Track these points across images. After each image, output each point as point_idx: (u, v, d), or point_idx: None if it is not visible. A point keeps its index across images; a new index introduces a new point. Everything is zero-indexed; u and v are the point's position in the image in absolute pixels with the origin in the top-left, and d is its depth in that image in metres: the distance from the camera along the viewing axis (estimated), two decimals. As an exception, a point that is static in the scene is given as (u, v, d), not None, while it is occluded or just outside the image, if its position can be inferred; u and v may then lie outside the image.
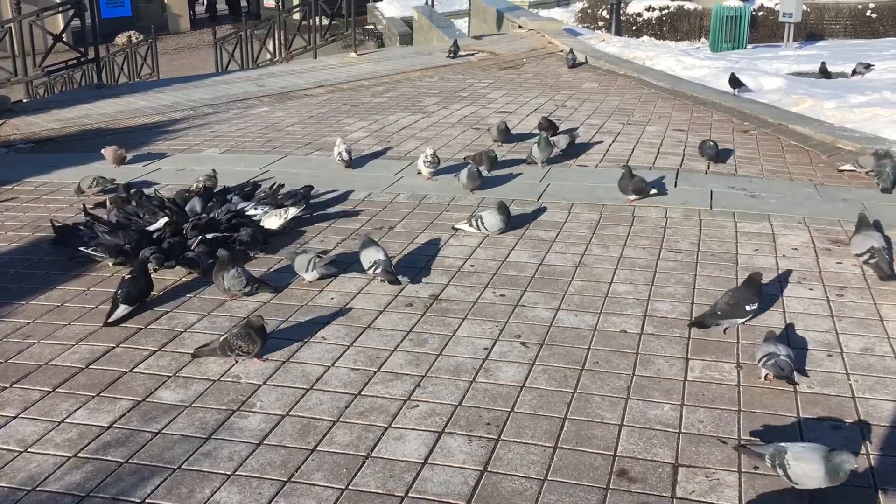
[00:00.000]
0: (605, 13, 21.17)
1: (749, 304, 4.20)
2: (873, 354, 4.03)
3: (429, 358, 4.07)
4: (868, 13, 21.44)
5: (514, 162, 7.24)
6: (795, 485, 3.01)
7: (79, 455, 3.37)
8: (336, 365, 4.02)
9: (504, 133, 7.77)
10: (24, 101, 12.76)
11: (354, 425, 3.54)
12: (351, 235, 5.65)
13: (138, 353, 4.17)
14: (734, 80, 10.52)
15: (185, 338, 4.33)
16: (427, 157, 6.72)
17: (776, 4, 19.86)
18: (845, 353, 4.04)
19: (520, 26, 16.00)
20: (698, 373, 3.89)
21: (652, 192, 6.22)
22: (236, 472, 3.24)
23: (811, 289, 4.74)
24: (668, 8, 21.67)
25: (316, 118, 9.47)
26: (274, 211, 5.68)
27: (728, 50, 18.43)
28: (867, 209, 5.63)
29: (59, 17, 15.65)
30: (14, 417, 3.65)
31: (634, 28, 21.22)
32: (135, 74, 21.06)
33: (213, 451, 3.38)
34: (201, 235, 5.32)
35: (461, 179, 6.47)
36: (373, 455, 3.34)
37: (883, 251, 4.84)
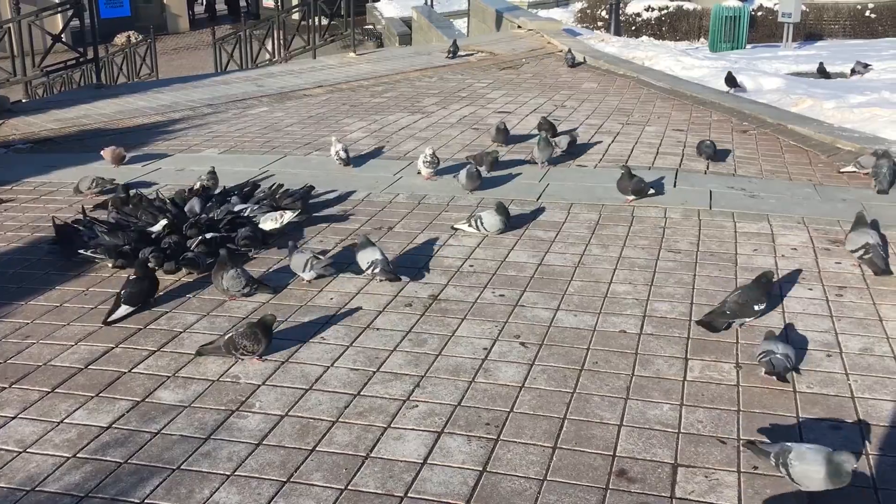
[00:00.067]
0: (604, 13, 21.18)
1: (757, 303, 4.22)
2: (872, 354, 4.03)
3: (428, 358, 4.07)
4: (867, 13, 21.45)
5: (514, 162, 7.24)
6: (797, 485, 3.01)
7: (78, 455, 3.37)
8: (335, 365, 4.02)
9: (503, 134, 7.76)
10: (23, 101, 12.74)
11: (354, 425, 3.54)
12: (350, 236, 5.65)
13: (137, 354, 4.17)
14: (730, 78, 10.56)
15: (184, 338, 4.33)
16: (427, 158, 6.72)
17: (775, 4, 19.86)
18: (844, 353, 4.04)
19: (519, 26, 15.99)
20: (697, 373, 3.89)
21: (650, 193, 6.22)
22: (235, 473, 3.24)
23: (810, 289, 4.74)
24: (668, 8, 21.67)
25: (315, 118, 9.47)
26: (270, 214, 5.67)
27: (727, 50, 18.44)
28: (866, 209, 5.63)
29: (58, 18, 15.67)
30: (13, 418, 3.64)
31: (633, 28, 21.23)
32: (134, 75, 21.06)
33: (213, 451, 3.38)
34: (201, 235, 5.32)
35: (460, 180, 6.47)
36: (372, 455, 3.33)
37: (877, 247, 4.92)
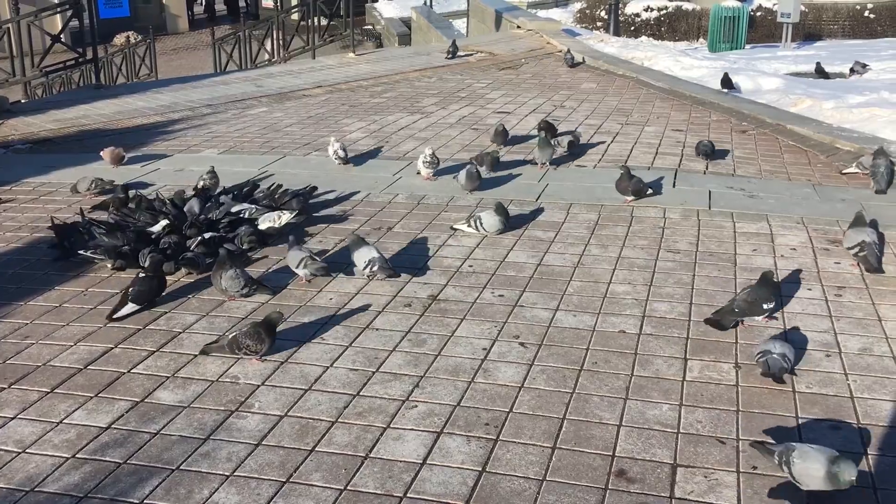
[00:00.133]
0: (603, 13, 21.19)
1: (766, 302, 4.24)
2: (871, 354, 4.03)
3: (427, 358, 4.07)
4: (866, 13, 21.47)
5: (514, 163, 7.24)
6: (798, 483, 3.01)
7: (77, 456, 3.36)
8: (335, 365, 4.02)
9: (502, 135, 7.74)
10: (23, 101, 12.74)
11: (353, 426, 3.54)
12: (349, 236, 5.65)
13: (137, 354, 4.17)
14: (726, 80, 10.58)
15: (183, 338, 4.33)
16: (426, 158, 6.72)
17: (774, 5, 19.88)
18: (844, 353, 4.04)
19: (518, 26, 16.00)
20: (697, 373, 3.89)
21: (648, 193, 6.23)
22: (235, 473, 3.24)
23: (809, 289, 4.74)
24: (667, 8, 21.68)
25: (314, 118, 9.47)
26: (268, 214, 5.67)
27: (726, 50, 18.45)
28: (865, 209, 5.63)
29: (57, 18, 15.67)
30: (12, 418, 3.64)
31: (633, 28, 21.23)
32: (133, 75, 21.06)
33: (212, 451, 3.38)
34: (200, 235, 5.33)
35: (460, 180, 6.47)
36: (371, 455, 3.33)
37: (873, 245, 4.97)
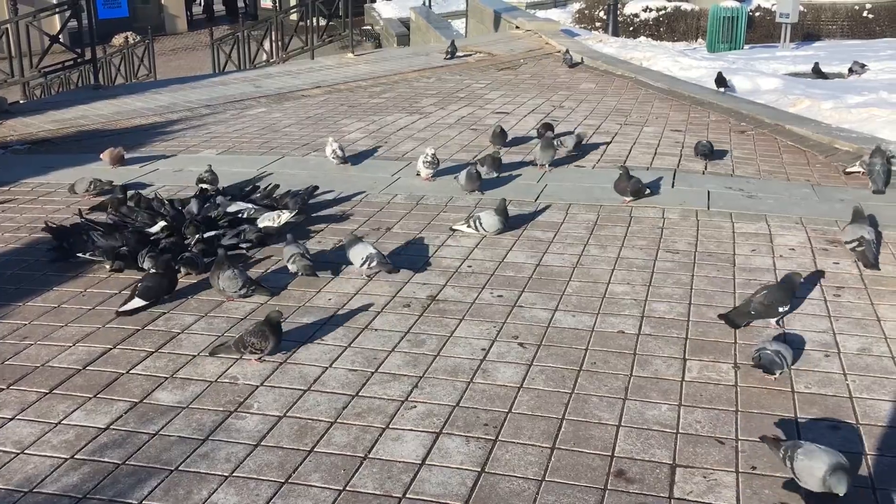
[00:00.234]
0: (602, 14, 21.18)
1: (782, 305, 4.24)
2: (870, 354, 4.03)
3: (426, 359, 4.07)
4: (865, 14, 21.46)
5: (513, 164, 7.23)
6: (797, 480, 3.03)
7: (76, 457, 3.36)
8: (333, 366, 4.02)
9: (500, 136, 7.70)
10: (21, 102, 12.74)
11: (352, 426, 3.53)
12: (347, 236, 5.64)
13: (135, 355, 4.17)
14: (720, 79, 10.58)
15: (182, 339, 4.32)
16: (427, 158, 6.71)
17: (773, 5, 19.88)
18: (843, 354, 4.04)
19: (517, 27, 16.00)
20: (696, 373, 3.89)
21: (647, 193, 6.23)
22: (234, 474, 3.24)
23: (808, 289, 4.74)
24: (665, 9, 21.67)
25: (313, 119, 9.47)
26: (268, 214, 5.67)
27: (725, 50, 18.44)
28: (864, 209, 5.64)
29: (55, 18, 15.66)
30: (11, 419, 3.64)
31: (631, 29, 21.22)
32: (132, 75, 21.04)
33: (211, 452, 3.38)
34: (198, 235, 5.32)
35: (460, 180, 6.46)
36: (370, 456, 3.33)
37: (871, 242, 5.05)
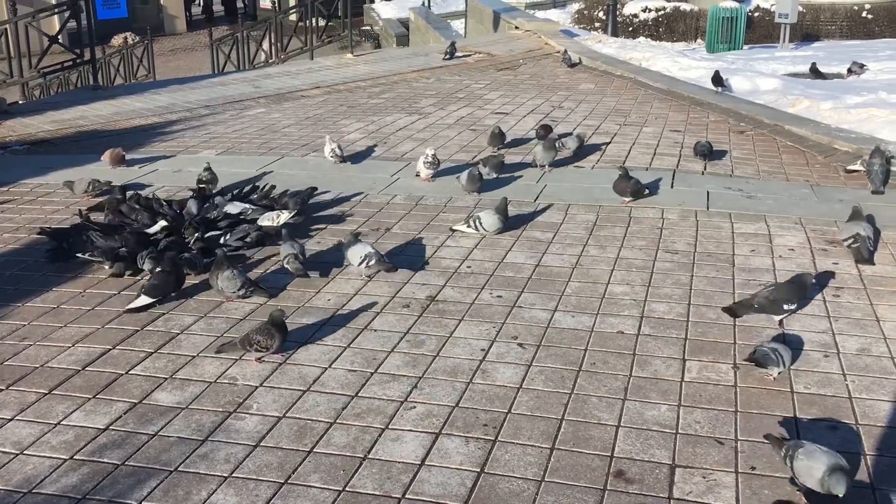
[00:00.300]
0: (601, 14, 21.17)
1: (787, 303, 4.25)
2: (870, 355, 4.03)
3: (426, 359, 4.07)
4: (864, 14, 21.47)
5: (513, 165, 7.22)
6: (796, 478, 3.04)
7: (75, 457, 3.36)
8: (333, 366, 4.02)
9: (498, 137, 7.67)
10: (20, 102, 12.75)
11: (351, 427, 3.53)
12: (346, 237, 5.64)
13: (134, 355, 4.16)
14: (717, 78, 10.59)
15: (181, 340, 4.32)
16: (428, 159, 6.69)
17: (772, 5, 19.89)
18: (842, 354, 4.04)
19: (516, 27, 16.00)
20: (695, 373, 3.89)
21: (646, 193, 6.23)
22: (233, 474, 3.24)
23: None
24: (665, 9, 21.68)
25: (312, 119, 9.47)
26: (267, 214, 5.68)
27: (724, 51, 18.45)
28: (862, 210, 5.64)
29: (55, 19, 15.66)
30: (10, 420, 3.64)
31: (631, 29, 21.22)
32: (131, 76, 21.04)
33: (210, 453, 3.38)
34: (197, 234, 5.32)
35: (461, 181, 6.44)
36: (370, 456, 3.33)
37: (866, 239, 5.11)
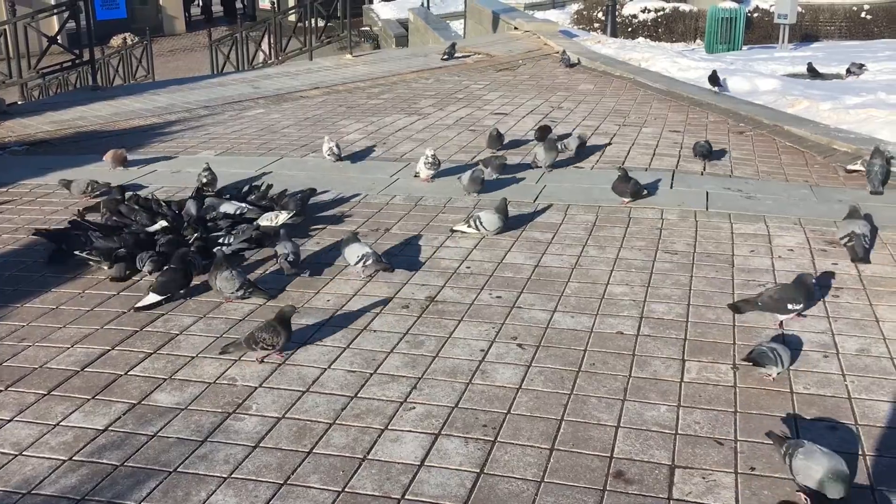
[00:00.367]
0: (600, 15, 21.19)
1: (792, 303, 4.26)
2: (869, 355, 4.03)
3: (425, 360, 4.07)
4: (863, 15, 21.49)
5: (512, 165, 7.21)
6: (794, 477, 3.04)
7: (74, 458, 3.36)
8: (332, 367, 4.02)
9: (496, 139, 7.65)
10: (19, 103, 12.75)
11: (351, 427, 3.53)
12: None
13: (134, 356, 4.16)
14: (714, 77, 10.60)
15: (180, 340, 4.32)
16: (428, 159, 6.68)
17: (771, 6, 19.90)
18: (841, 354, 4.04)
19: (515, 28, 16.01)
20: (695, 374, 3.89)
21: (644, 194, 6.23)
22: (232, 475, 3.24)
23: (807, 290, 4.74)
24: (664, 9, 21.69)
25: (311, 120, 9.46)
26: (267, 214, 5.68)
27: (723, 51, 18.46)
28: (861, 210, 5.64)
29: (53, 19, 15.67)
30: (9, 421, 3.63)
31: (630, 30, 21.23)
32: (130, 76, 21.03)
33: (209, 453, 3.37)
34: (196, 234, 5.32)
35: (463, 181, 6.41)
36: (369, 457, 3.33)
37: (861, 237, 5.12)
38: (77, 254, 5.17)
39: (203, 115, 9.96)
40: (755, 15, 20.81)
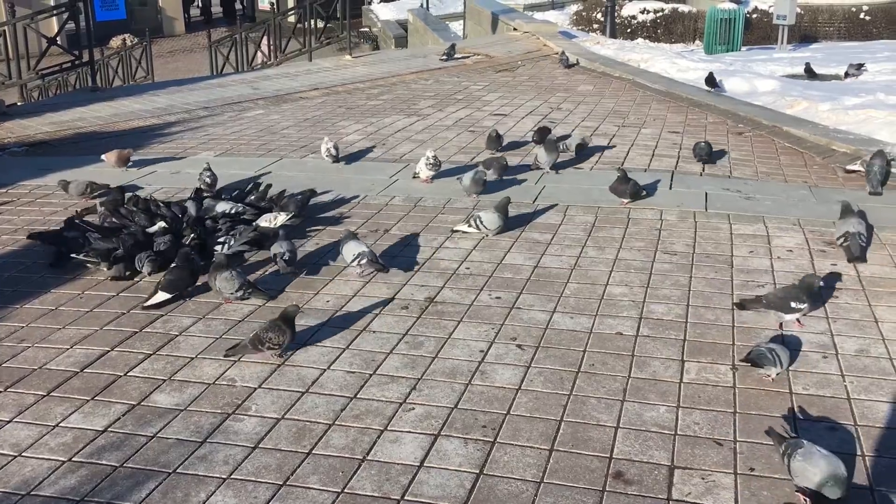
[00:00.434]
0: (599, 16, 21.19)
1: (796, 301, 4.25)
2: (868, 356, 4.03)
3: (424, 360, 4.07)
4: (861, 15, 21.50)
5: (512, 167, 7.20)
6: (793, 477, 3.05)
7: (73, 459, 3.36)
8: (331, 368, 4.02)
9: (495, 140, 7.64)
10: (19, 104, 12.72)
11: (350, 428, 3.53)
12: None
13: (133, 357, 4.16)
14: (710, 79, 10.61)
15: (179, 341, 4.32)
16: (429, 160, 6.66)
17: (770, 7, 19.91)
18: (840, 355, 4.04)
19: (515, 29, 16.01)
20: (694, 375, 3.89)
21: (644, 195, 6.23)
22: (231, 476, 3.24)
23: (806, 290, 4.74)
24: (663, 10, 21.69)
25: (311, 121, 9.47)
26: (265, 216, 5.68)
27: (722, 52, 18.47)
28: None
29: (53, 20, 15.69)
30: (8, 422, 3.63)
31: (629, 30, 21.23)
32: (129, 77, 21.04)
33: (209, 454, 3.37)
34: (194, 235, 5.32)
35: (464, 182, 6.40)
36: (368, 458, 3.33)
37: (857, 236, 5.14)
38: (74, 256, 5.17)
39: (202, 116, 9.96)
40: (754, 16, 20.82)
